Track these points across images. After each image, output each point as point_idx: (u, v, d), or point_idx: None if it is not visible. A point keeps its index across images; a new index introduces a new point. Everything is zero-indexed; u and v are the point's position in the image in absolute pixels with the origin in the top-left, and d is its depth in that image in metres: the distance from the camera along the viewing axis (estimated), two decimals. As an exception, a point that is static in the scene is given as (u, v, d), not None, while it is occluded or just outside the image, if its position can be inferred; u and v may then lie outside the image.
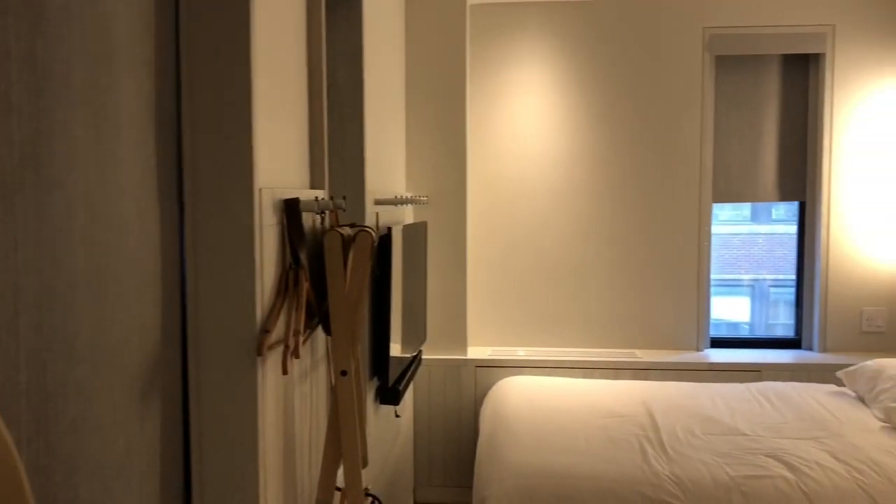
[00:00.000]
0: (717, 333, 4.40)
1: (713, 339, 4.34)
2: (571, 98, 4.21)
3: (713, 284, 4.31)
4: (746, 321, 8.80)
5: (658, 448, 2.84)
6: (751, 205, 8.95)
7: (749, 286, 9.35)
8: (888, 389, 3.27)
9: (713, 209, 4.26)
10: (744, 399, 3.48)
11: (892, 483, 2.54)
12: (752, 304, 9.02)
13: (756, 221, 9.81)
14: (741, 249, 10.16)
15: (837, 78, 4.10)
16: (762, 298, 8.69)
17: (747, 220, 9.91)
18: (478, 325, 4.29)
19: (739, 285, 9.14)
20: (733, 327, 9.08)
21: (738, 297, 9.55)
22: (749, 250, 9.68)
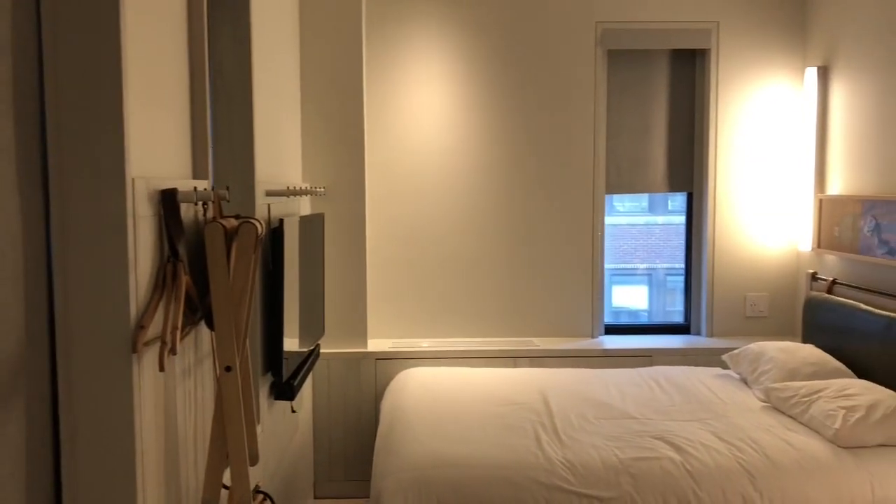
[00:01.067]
0: (618, 321, 4.54)
1: (607, 326, 4.46)
2: (469, 89, 4.23)
3: (613, 274, 4.42)
4: (645, 308, 9.09)
5: (552, 434, 2.90)
6: (648, 196, 9.26)
7: (647, 275, 9.66)
8: (768, 371, 3.44)
9: (612, 200, 4.38)
10: (635, 384, 3.59)
11: (769, 459, 2.67)
12: (649, 292, 9.34)
13: (653, 212, 10.16)
14: (639, 239, 10.50)
15: (722, 73, 4.27)
16: (659, 286, 9.01)
17: (645, 210, 10.25)
18: (379, 317, 4.27)
19: (638, 274, 9.44)
20: (633, 315, 9.38)
21: (636, 286, 9.88)
22: (646, 240, 10.01)
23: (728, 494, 2.57)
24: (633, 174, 4.41)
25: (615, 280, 10.47)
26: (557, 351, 4.10)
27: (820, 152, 4.08)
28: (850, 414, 2.80)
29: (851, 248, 3.66)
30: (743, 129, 4.30)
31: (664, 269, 8.62)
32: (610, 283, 10.34)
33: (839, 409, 2.84)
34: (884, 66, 3.54)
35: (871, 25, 3.64)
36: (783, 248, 4.35)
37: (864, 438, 2.76)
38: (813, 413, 2.92)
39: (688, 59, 4.37)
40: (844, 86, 3.88)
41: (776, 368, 3.40)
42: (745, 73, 4.27)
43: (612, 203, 10.79)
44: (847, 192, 3.84)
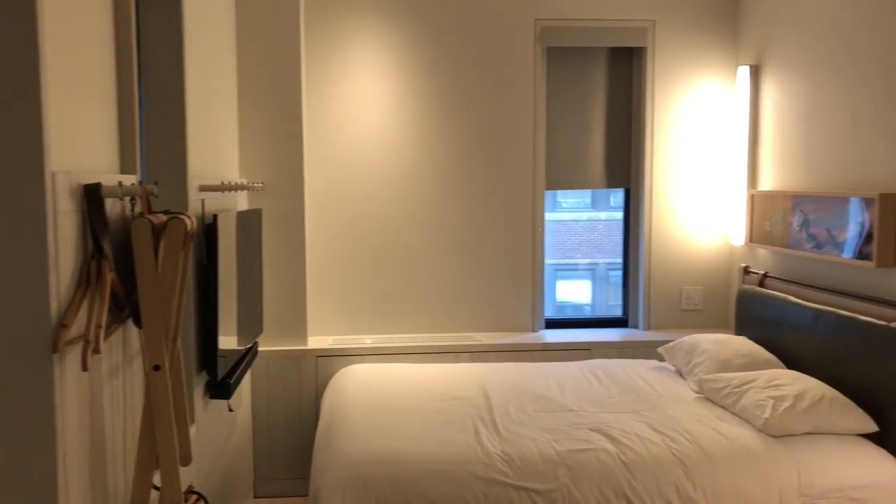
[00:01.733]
0: (563, 315, 4.60)
1: (548, 321, 4.51)
2: (410, 85, 4.22)
3: (557, 269, 4.46)
4: (588, 303, 9.24)
5: (491, 428, 2.91)
6: (591, 192, 9.40)
7: (590, 270, 9.79)
8: (701, 363, 3.51)
9: (557, 196, 4.42)
10: (574, 377, 3.64)
11: (701, 448, 2.74)
12: (592, 287, 9.48)
13: (596, 208, 10.32)
14: (582, 235, 10.64)
15: (658, 71, 4.34)
16: (602, 281, 9.16)
17: (588, 207, 10.39)
18: (321, 314, 4.23)
19: (582, 269, 9.56)
20: (578, 309, 9.51)
21: (580, 281, 10.01)
22: (589, 236, 10.15)
23: (662, 485, 2.62)
24: (572, 170, 4.46)
25: (560, 275, 10.61)
26: (499, 346, 4.12)
27: (752, 149, 4.19)
28: (779, 404, 2.88)
29: (782, 243, 3.77)
30: (678, 126, 4.38)
31: (607, 264, 8.76)
32: (554, 278, 10.50)
33: (769, 399, 2.93)
34: (810, 65, 3.64)
35: (798, 25, 3.75)
36: (717, 243, 4.45)
37: (791, 427, 2.84)
38: (744, 403, 3.00)
39: (625, 57, 4.43)
40: (774, 84, 3.99)
41: (709, 360, 3.48)
42: (681, 71, 4.36)
43: (557, 199, 10.93)
44: (777, 187, 3.95)
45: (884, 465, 2.74)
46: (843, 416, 2.87)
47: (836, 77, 3.45)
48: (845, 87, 3.38)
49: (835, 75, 3.46)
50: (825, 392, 2.94)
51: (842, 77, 3.41)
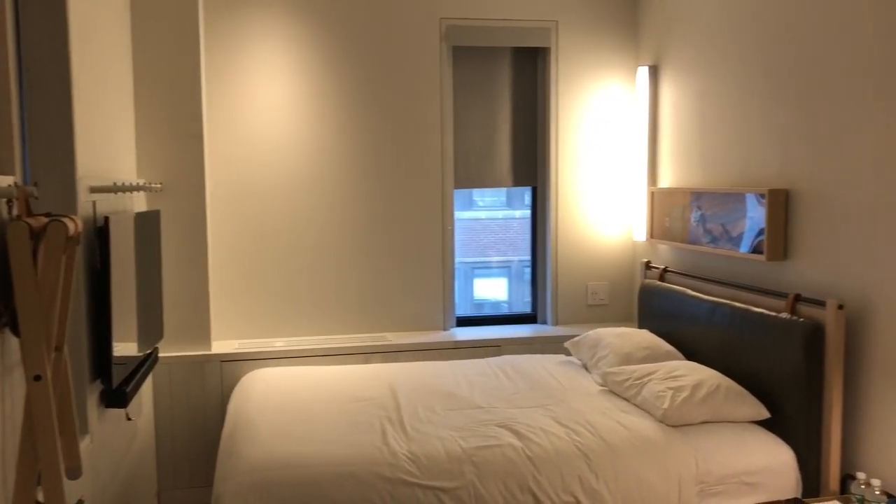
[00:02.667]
0: (480, 312, 4.66)
1: (459, 319, 4.53)
2: (316, 83, 4.17)
3: (474, 267, 4.48)
4: (506, 299, 9.34)
5: (398, 428, 2.90)
6: (506, 190, 9.50)
7: (506, 267, 9.91)
8: (605, 356, 3.59)
9: (473, 195, 4.44)
10: (483, 373, 3.66)
11: (604, 440, 2.80)
12: (509, 284, 9.58)
13: (511, 206, 10.44)
14: (498, 233, 10.73)
15: (561, 71, 4.42)
16: (518, 278, 9.27)
17: (504, 205, 10.49)
18: (227, 318, 4.13)
19: (499, 267, 9.65)
20: (495, 306, 9.60)
21: (497, 279, 10.09)
22: (505, 234, 10.26)
23: (566, 477, 2.66)
24: (480, 169, 4.49)
25: (477, 273, 10.66)
26: (409, 345, 4.12)
27: (651, 147, 4.32)
28: (677, 394, 2.97)
29: (681, 238, 3.89)
30: (582, 125, 4.47)
31: (522, 262, 8.88)
32: (472, 277, 10.52)
33: (668, 389, 3.01)
34: (704, 67, 3.78)
35: (693, 28, 3.88)
36: (621, 239, 4.56)
37: (689, 416, 2.93)
38: (644, 395, 3.08)
39: (530, 57, 4.49)
40: (671, 84, 4.12)
41: (613, 353, 3.56)
42: (584, 71, 4.45)
43: (473, 198, 10.96)
44: (676, 184, 4.08)
45: (775, 450, 2.86)
46: (737, 404, 2.98)
47: (728, 78, 3.58)
48: (736, 87, 3.52)
49: (726, 76, 3.59)
50: (721, 382, 3.05)
51: (732, 78, 3.54)
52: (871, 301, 2.72)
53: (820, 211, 2.98)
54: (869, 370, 2.73)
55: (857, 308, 2.78)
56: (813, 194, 3.01)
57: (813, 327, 2.80)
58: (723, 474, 2.77)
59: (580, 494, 2.65)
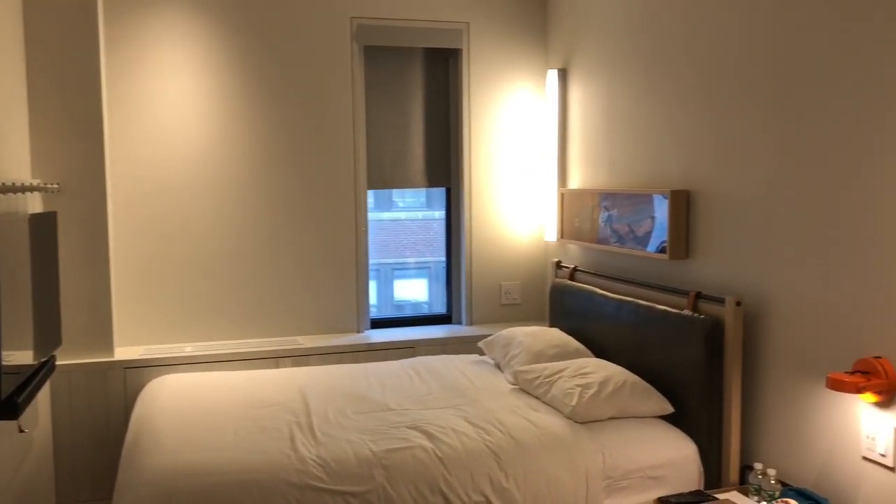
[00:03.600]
0: (402, 314, 4.66)
1: (373, 321, 4.50)
2: (225, 81, 4.07)
3: (394, 268, 4.46)
4: (426, 300, 9.35)
5: (307, 432, 2.86)
6: (426, 191, 9.52)
7: (426, 268, 9.91)
8: (517, 355, 3.63)
9: (392, 196, 4.41)
10: (396, 375, 3.65)
11: (514, 439, 2.82)
12: (429, 285, 9.60)
13: (431, 207, 10.46)
14: (419, 234, 10.71)
15: (473, 73, 4.45)
16: (438, 279, 9.29)
17: (424, 206, 10.50)
18: (133, 323, 3.99)
19: (421, 267, 9.63)
20: (417, 307, 9.60)
21: (418, 279, 10.08)
22: (426, 234, 10.26)
23: (476, 476, 2.67)
24: (393, 170, 4.47)
25: (397, 274, 10.62)
26: (322, 348, 4.06)
27: (561, 149, 4.39)
28: (585, 391, 3.02)
29: (590, 238, 3.97)
30: (495, 126, 4.51)
31: (441, 262, 8.90)
32: (392, 278, 10.45)
33: (576, 386, 3.06)
34: (610, 70, 3.86)
35: (600, 32, 3.96)
36: (532, 239, 4.62)
37: (597, 413, 2.99)
38: (554, 392, 3.12)
39: (442, 58, 4.50)
40: (580, 87, 4.19)
41: (524, 352, 3.60)
42: (495, 73, 4.48)
43: (392, 198, 10.91)
44: (585, 186, 4.15)
45: (679, 444, 2.95)
46: (642, 400, 3.06)
47: (633, 81, 3.67)
48: (641, 90, 3.61)
49: (632, 79, 3.68)
50: (627, 378, 3.11)
51: (638, 81, 3.63)
52: (766, 297, 2.82)
53: (719, 211, 3.08)
54: (765, 364, 2.84)
55: (754, 304, 2.88)
56: (712, 195, 3.11)
57: (713, 323, 2.90)
58: (629, 469, 2.83)
59: (490, 494, 2.66)
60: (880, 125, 2.32)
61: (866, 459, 2.42)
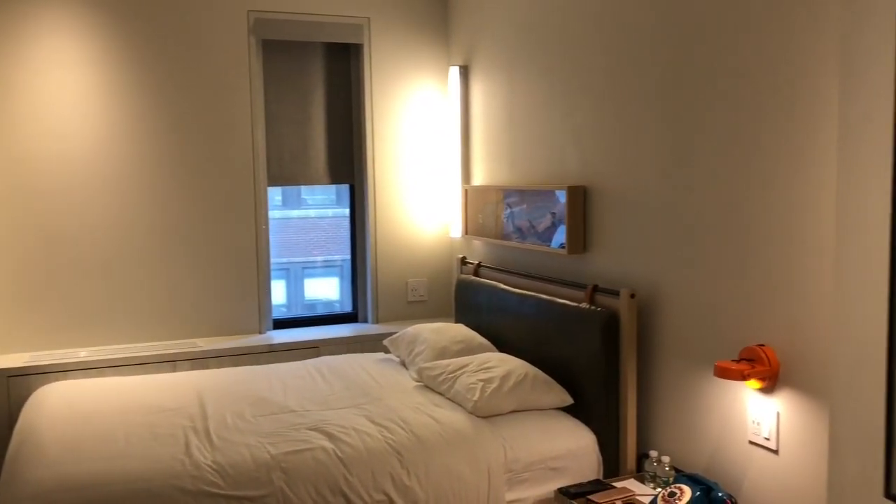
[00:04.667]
0: (314, 313, 4.58)
1: (276, 321, 4.41)
2: (114, 77, 3.90)
3: (304, 266, 4.38)
4: (337, 299, 9.26)
5: (203, 438, 2.77)
6: (335, 188, 9.42)
7: (337, 266, 9.83)
8: (422, 352, 3.62)
9: (301, 193, 4.33)
10: (299, 376, 3.58)
11: (416, 436, 2.81)
12: (340, 284, 9.52)
13: (341, 204, 10.37)
14: (328, 231, 10.57)
15: (375, 68, 4.41)
16: (348, 277, 9.22)
17: (334, 203, 10.38)
18: (17, 329, 3.78)
19: (332, 266, 9.50)
20: (329, 305, 9.49)
21: (329, 278, 9.95)
22: (337, 232, 10.15)
23: (377, 475, 2.65)
24: (294, 166, 4.39)
25: (307, 273, 10.46)
26: (221, 350, 3.95)
27: (464, 146, 4.40)
28: (487, 385, 3.04)
29: (493, 234, 3.99)
30: (398, 123, 4.49)
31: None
32: (302, 277, 10.27)
33: (479, 381, 3.07)
34: (512, 67, 3.90)
35: (501, 29, 3.99)
36: (438, 236, 4.63)
37: (498, 407, 3.01)
38: (457, 388, 3.13)
39: (343, 53, 4.45)
40: (481, 84, 4.22)
41: (428, 348, 3.60)
42: (398, 70, 4.46)
43: (301, 196, 10.73)
44: (488, 182, 4.18)
45: (578, 434, 3.00)
46: (543, 392, 3.10)
47: (533, 78, 3.71)
48: (540, 87, 3.65)
49: (531, 76, 3.72)
50: (528, 371, 3.15)
51: (537, 78, 3.68)
52: (659, 290, 2.90)
53: (614, 206, 3.15)
54: (659, 354, 2.92)
55: (648, 296, 2.96)
56: (608, 191, 3.18)
57: (609, 316, 2.96)
58: (530, 461, 2.86)
59: (392, 492, 2.64)
60: (765, 124, 2.42)
61: (752, 443, 2.52)
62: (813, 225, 2.25)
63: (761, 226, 2.44)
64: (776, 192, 2.38)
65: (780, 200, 2.37)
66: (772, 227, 2.40)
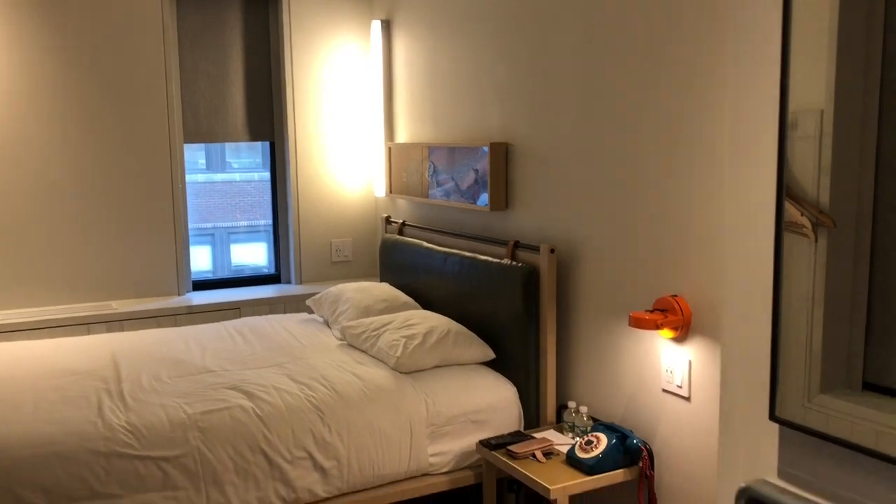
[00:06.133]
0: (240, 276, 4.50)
1: (196, 282, 4.31)
2: (22, 33, 3.68)
3: (230, 232, 4.26)
4: (264, 264, 9.12)
5: (117, 399, 2.69)
6: (261, 152, 9.20)
7: (266, 231, 9.64)
8: (345, 311, 3.60)
9: (226, 156, 4.20)
10: (218, 337, 3.51)
11: (337, 393, 2.79)
12: (268, 248, 9.36)
13: (267, 168, 10.17)
14: (255, 196, 10.36)
15: (295, 22, 4.29)
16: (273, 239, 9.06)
17: (260, 166, 10.15)
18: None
19: (259, 230, 9.32)
20: (256, 270, 9.34)
21: (257, 243, 9.77)
22: (263, 196, 9.96)
23: (298, 433, 2.63)
24: (212, 122, 4.26)
25: (234, 238, 10.25)
26: (138, 312, 3.84)
27: (387, 102, 4.34)
28: (410, 342, 3.04)
29: (418, 192, 3.97)
30: (320, 78, 4.39)
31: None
32: (227, 242, 10.05)
33: (401, 338, 3.07)
34: (435, 22, 3.84)
35: (422, -16, 3.93)
36: (362, 195, 4.57)
37: (421, 363, 3.01)
38: (380, 345, 3.12)
39: (262, 5, 4.31)
40: (404, 39, 4.15)
41: (352, 307, 3.57)
42: (318, 23, 4.35)
43: (226, 160, 10.46)
44: (411, 140, 4.14)
45: (499, 388, 3.03)
46: (466, 347, 3.11)
47: (457, 34, 3.67)
48: (464, 43, 3.62)
49: (455, 32, 3.68)
50: (451, 327, 3.16)
51: (461, 34, 3.64)
52: (578, 244, 2.94)
53: (535, 163, 3.16)
54: (577, 308, 2.97)
55: (567, 251, 3.00)
56: (529, 148, 3.19)
57: (529, 271, 2.98)
58: (452, 415, 2.89)
59: (313, 448, 2.63)
60: (678, 83, 2.45)
61: (666, 391, 2.59)
62: (720, 177, 2.30)
63: (673, 180, 2.49)
64: (686, 148, 2.42)
65: (689, 157, 2.41)
66: (682, 182, 2.45)
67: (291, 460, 2.61)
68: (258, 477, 2.56)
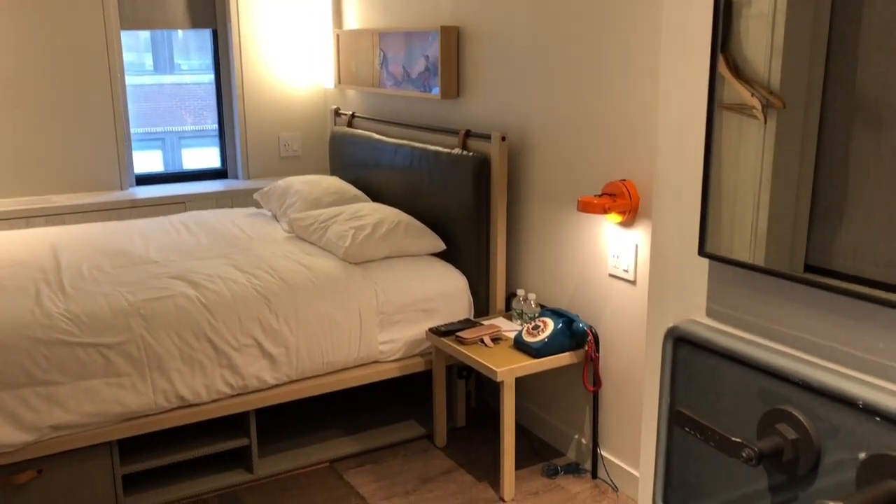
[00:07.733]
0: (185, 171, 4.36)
1: (139, 178, 4.18)
2: None
3: (182, 136, 4.10)
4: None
5: (56, 289, 2.62)
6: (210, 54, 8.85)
7: (216, 136, 9.42)
8: (294, 203, 3.53)
9: (175, 58, 3.99)
10: (163, 230, 3.43)
11: (284, 281, 2.76)
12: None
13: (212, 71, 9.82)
14: (207, 99, 9.99)
15: None
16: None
17: (209, 68, 9.78)
18: None
19: (210, 134, 9.05)
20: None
21: (210, 147, 9.49)
22: (210, 100, 9.64)
23: (244, 319, 2.60)
24: (149, 7, 4.04)
25: (185, 143, 9.91)
26: (79, 206, 3.72)
27: (335, -12, 4.16)
28: (359, 233, 2.99)
29: (368, 82, 3.85)
30: (263, -38, 4.17)
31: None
32: (178, 146, 9.71)
33: (350, 229, 3.03)
34: None
35: None
36: (311, 87, 4.43)
37: (370, 253, 2.98)
38: (329, 236, 3.07)
39: None
40: (353, -80, 3.94)
41: (301, 200, 3.50)
42: None
43: (175, 62, 10.01)
44: (361, 26, 3.99)
45: (448, 277, 3.03)
46: (416, 238, 3.09)
47: (404, -88, 3.49)
48: (412, -78, 3.44)
49: None
50: (401, 219, 3.12)
51: (409, -88, 3.46)
52: (529, 132, 2.89)
53: (487, 50, 3.06)
54: (528, 196, 2.95)
55: (518, 139, 2.95)
56: (481, 34, 3.09)
57: (480, 160, 2.93)
58: (402, 304, 2.88)
59: (260, 335, 2.61)
60: (630, -49, 2.36)
61: (612, 276, 2.61)
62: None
63: (626, 66, 2.43)
64: (636, 35, 2.36)
65: (642, 42, 2.35)
66: (634, 67, 2.39)
67: (238, 347, 2.59)
68: (205, 364, 2.54)
